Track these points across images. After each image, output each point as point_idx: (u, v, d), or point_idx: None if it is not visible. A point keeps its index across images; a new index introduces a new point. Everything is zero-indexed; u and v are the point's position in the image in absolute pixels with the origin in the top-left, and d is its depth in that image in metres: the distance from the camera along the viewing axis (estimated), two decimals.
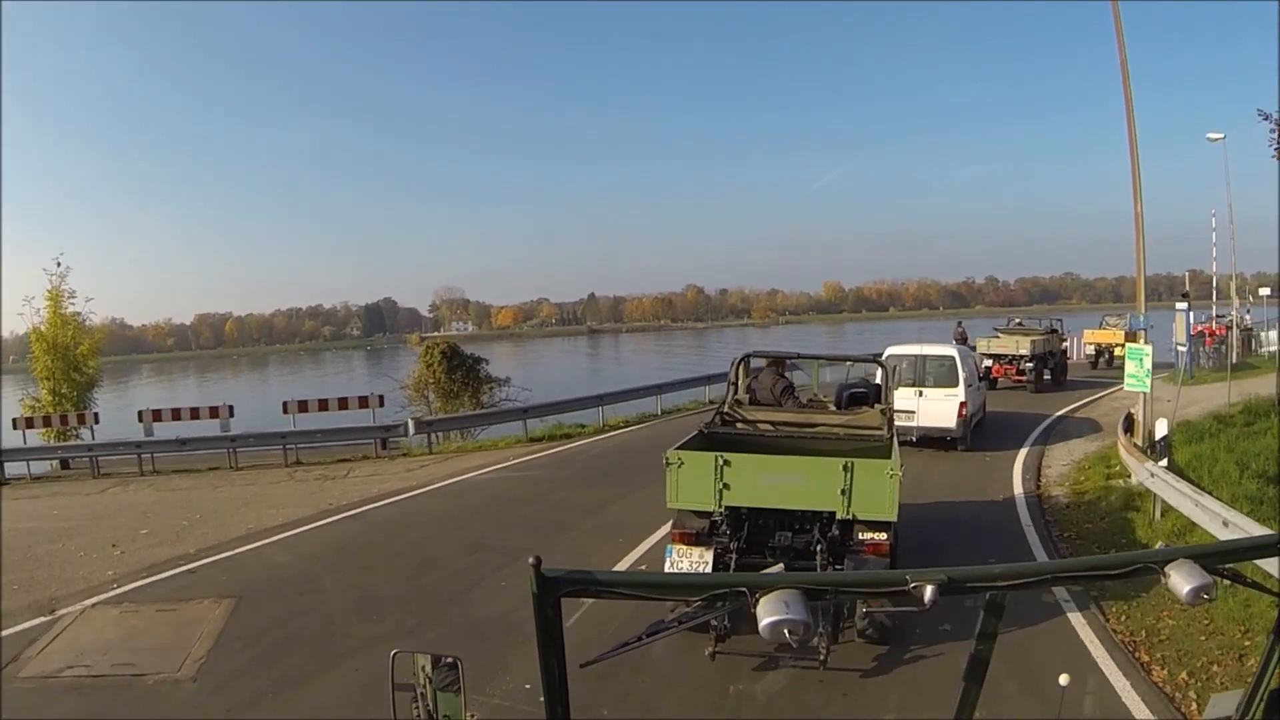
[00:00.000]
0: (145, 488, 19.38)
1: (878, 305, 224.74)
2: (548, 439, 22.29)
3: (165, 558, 12.54)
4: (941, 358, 18.34)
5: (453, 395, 27.45)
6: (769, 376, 10.98)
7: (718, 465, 7.91)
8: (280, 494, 17.26)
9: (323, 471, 19.69)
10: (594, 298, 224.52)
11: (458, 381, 27.29)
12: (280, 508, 15.63)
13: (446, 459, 20.42)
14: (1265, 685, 2.09)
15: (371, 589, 10.38)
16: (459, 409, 27.10)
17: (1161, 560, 1.79)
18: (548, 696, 1.75)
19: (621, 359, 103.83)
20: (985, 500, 14.11)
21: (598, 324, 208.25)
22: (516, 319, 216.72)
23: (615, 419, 24.56)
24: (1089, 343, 35.94)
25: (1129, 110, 15.88)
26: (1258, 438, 16.09)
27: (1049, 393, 27.37)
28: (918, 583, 1.71)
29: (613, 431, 23.27)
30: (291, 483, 18.60)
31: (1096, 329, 36.05)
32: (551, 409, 24.27)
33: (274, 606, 9.96)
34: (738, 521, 8.18)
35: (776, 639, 1.64)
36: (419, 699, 2.17)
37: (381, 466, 19.98)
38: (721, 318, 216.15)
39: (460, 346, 28.84)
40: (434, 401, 27.68)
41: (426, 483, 17.18)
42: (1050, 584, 1.93)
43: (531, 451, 20.47)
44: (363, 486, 17.36)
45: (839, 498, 7.69)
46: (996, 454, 17.75)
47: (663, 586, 1.94)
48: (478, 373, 27.88)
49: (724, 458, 7.96)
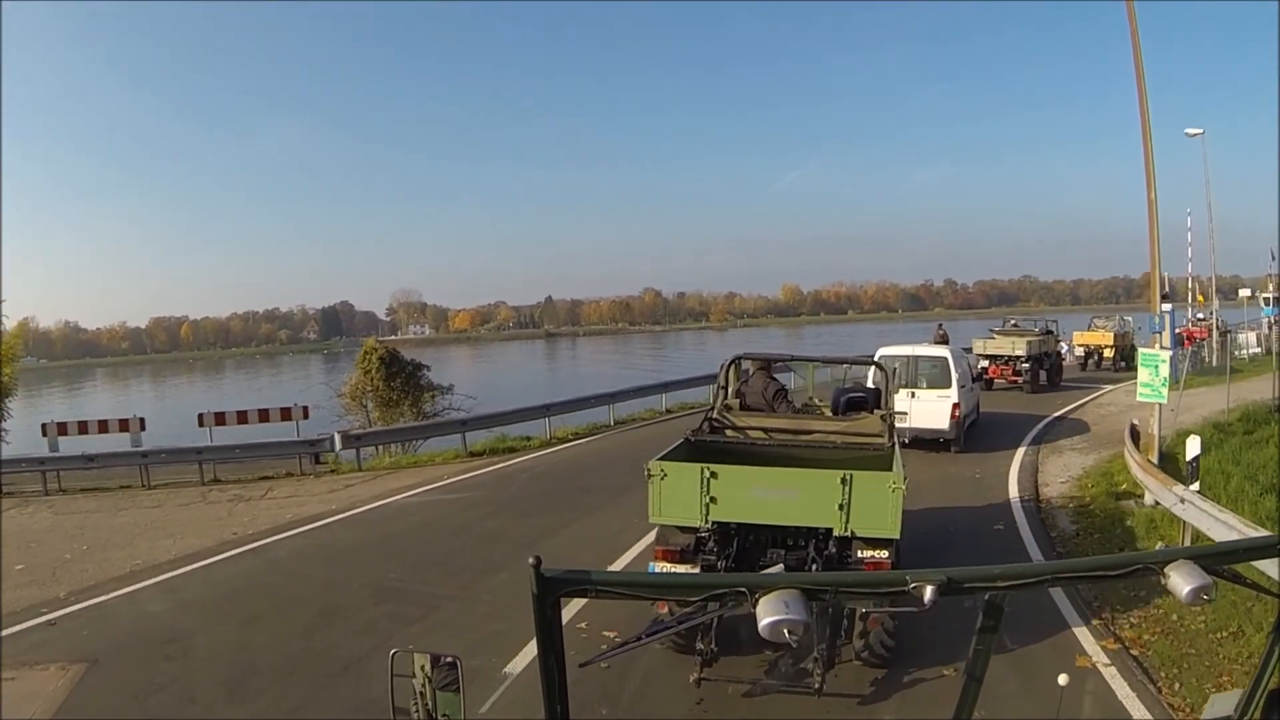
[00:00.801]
0: (45, 510, 17.16)
1: (836, 308, 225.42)
2: (489, 453, 20.40)
3: (30, 603, 10.59)
4: (934, 358, 18.18)
5: (392, 404, 25.56)
6: (760, 379, 10.11)
7: (704, 477, 7.37)
8: (185, 519, 15.27)
9: (239, 491, 17.67)
10: (551, 301, 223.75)
11: (396, 389, 25.38)
12: (178, 537, 13.69)
13: (377, 477, 18.49)
14: (1264, 685, 2.08)
15: (252, 652, 8.53)
16: (399, 418, 25.33)
17: (1161, 561, 1.77)
18: (546, 696, 1.74)
19: (577, 364, 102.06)
20: (983, 530, 12.57)
21: (555, 327, 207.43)
22: (474, 322, 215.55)
23: (564, 430, 22.73)
24: (1078, 344, 36.19)
25: (1142, 99, 14.77)
26: (1260, 447, 15.17)
27: (1042, 394, 27.28)
28: (917, 583, 1.68)
29: (560, 445, 21.44)
30: (202, 505, 16.59)
31: (1085, 330, 36.40)
32: (492, 421, 22.28)
33: (130, 676, 8.08)
34: (726, 538, 7.67)
35: (776, 638, 1.61)
36: (418, 698, 2.12)
37: (304, 486, 17.98)
38: (679, 321, 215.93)
39: (400, 352, 26.84)
40: (373, 411, 25.80)
41: (348, 506, 15.29)
42: (1050, 584, 1.85)
43: (470, 468, 18.63)
44: (277, 511, 15.42)
45: (836, 513, 7.18)
46: (991, 458, 17.19)
47: (662, 587, 2.10)
48: (418, 380, 25.97)
49: (711, 469, 7.41)
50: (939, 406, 17.42)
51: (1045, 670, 6.99)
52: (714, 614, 1.79)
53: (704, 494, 7.36)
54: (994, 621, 1.82)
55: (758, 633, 1.60)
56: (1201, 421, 18.23)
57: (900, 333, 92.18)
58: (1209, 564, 1.78)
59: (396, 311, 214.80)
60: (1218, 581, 1.77)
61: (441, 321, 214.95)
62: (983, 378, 26.03)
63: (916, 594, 1.68)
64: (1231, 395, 20.65)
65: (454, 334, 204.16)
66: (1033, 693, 6.39)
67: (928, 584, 1.67)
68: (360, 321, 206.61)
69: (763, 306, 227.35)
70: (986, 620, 1.82)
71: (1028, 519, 12.99)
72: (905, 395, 16.95)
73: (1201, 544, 4.76)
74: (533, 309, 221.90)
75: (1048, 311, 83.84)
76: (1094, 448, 18.48)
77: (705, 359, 78.82)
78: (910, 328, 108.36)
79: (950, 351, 18.73)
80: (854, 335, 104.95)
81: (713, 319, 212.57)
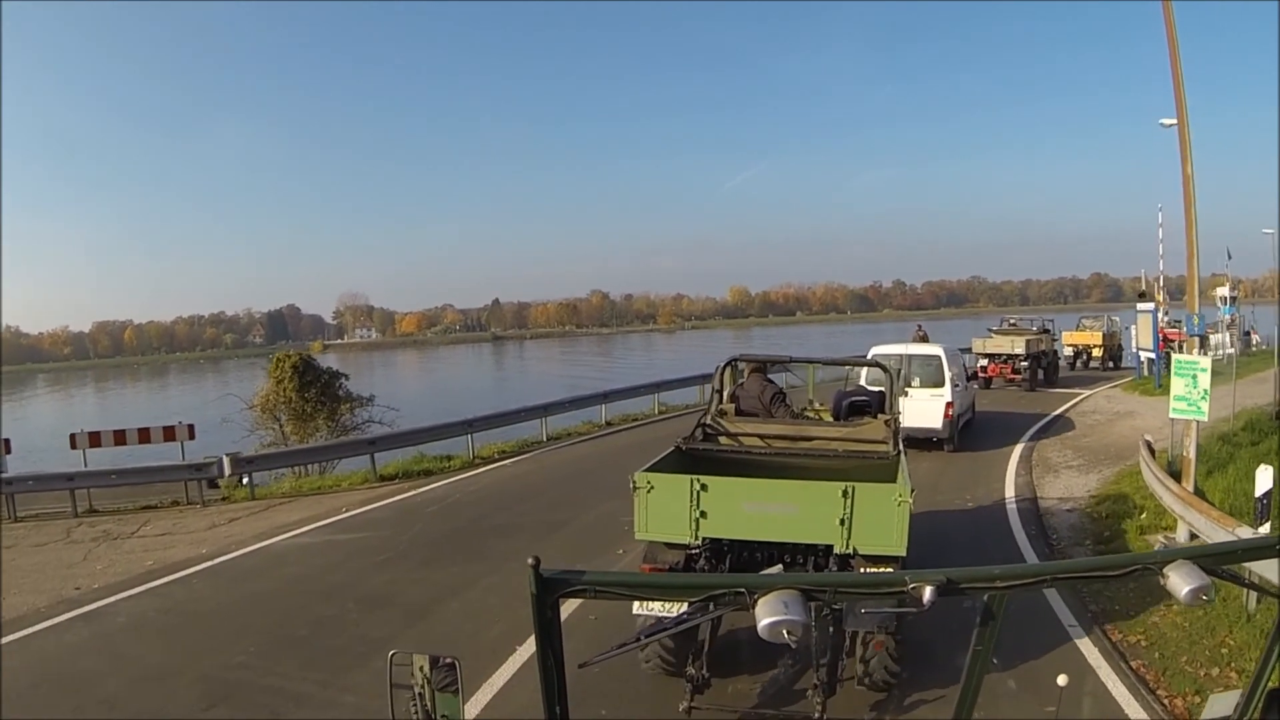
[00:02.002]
0: None
1: (784, 310, 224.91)
2: (402, 477, 17.79)
3: None
4: (928, 357, 18.03)
5: (306, 417, 22.97)
6: (756, 382, 9.51)
7: (694, 490, 6.78)
8: (30, 566, 12.59)
9: (110, 526, 14.91)
10: (499, 303, 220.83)
11: (311, 401, 22.80)
12: (9, 593, 11.07)
13: (270, 507, 15.84)
14: (1263, 685, 2.08)
15: None
16: (315, 432, 22.80)
17: (1160, 561, 1.75)
18: (546, 696, 1.73)
19: (522, 368, 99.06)
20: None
21: (502, 330, 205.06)
22: (421, 325, 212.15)
23: (490, 448, 20.23)
24: (1067, 344, 36.32)
25: (1179, 96, 12.76)
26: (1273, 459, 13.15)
27: (1040, 391, 27.48)
28: (917, 583, 1.68)
29: (485, 466, 18.82)
30: (60, 545, 13.85)
31: (1074, 330, 36.77)
32: (405, 439, 19.68)
33: None
34: (719, 555, 7.06)
35: (775, 639, 1.60)
36: (417, 699, 2.05)
37: (184, 519, 15.25)
38: (627, 323, 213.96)
39: (315, 359, 24.21)
40: (286, 425, 23.19)
41: (220, 551, 12.69)
42: (1050, 585, 1.86)
43: (375, 497, 15.98)
44: (139, 555, 12.80)
45: (837, 529, 6.59)
46: (986, 457, 16.56)
47: (661, 587, 2.18)
48: (334, 390, 23.37)
49: (701, 481, 6.82)
50: (932, 405, 17.09)
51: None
52: (713, 614, 1.79)
53: (694, 508, 6.77)
54: (993, 622, 1.79)
55: (758, 653, 2.70)
56: (1207, 434, 16.52)
57: (850, 334, 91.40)
58: (1208, 564, 1.75)
59: (343, 315, 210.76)
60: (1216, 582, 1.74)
61: (388, 325, 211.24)
62: (977, 376, 26.08)
63: (916, 594, 1.65)
64: (1224, 401, 18.93)
65: (401, 337, 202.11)
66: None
67: (927, 584, 1.65)
68: (307, 325, 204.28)
69: (710, 308, 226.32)
70: (986, 620, 1.79)
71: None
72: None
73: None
74: (480, 312, 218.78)
75: (997, 312, 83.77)
76: (1092, 464, 16.76)
77: (652, 364, 76.86)
78: (859, 329, 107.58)
79: (944, 350, 18.46)
80: (803, 337, 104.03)
81: (660, 321, 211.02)
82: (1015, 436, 19.68)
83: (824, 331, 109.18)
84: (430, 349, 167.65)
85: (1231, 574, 1.91)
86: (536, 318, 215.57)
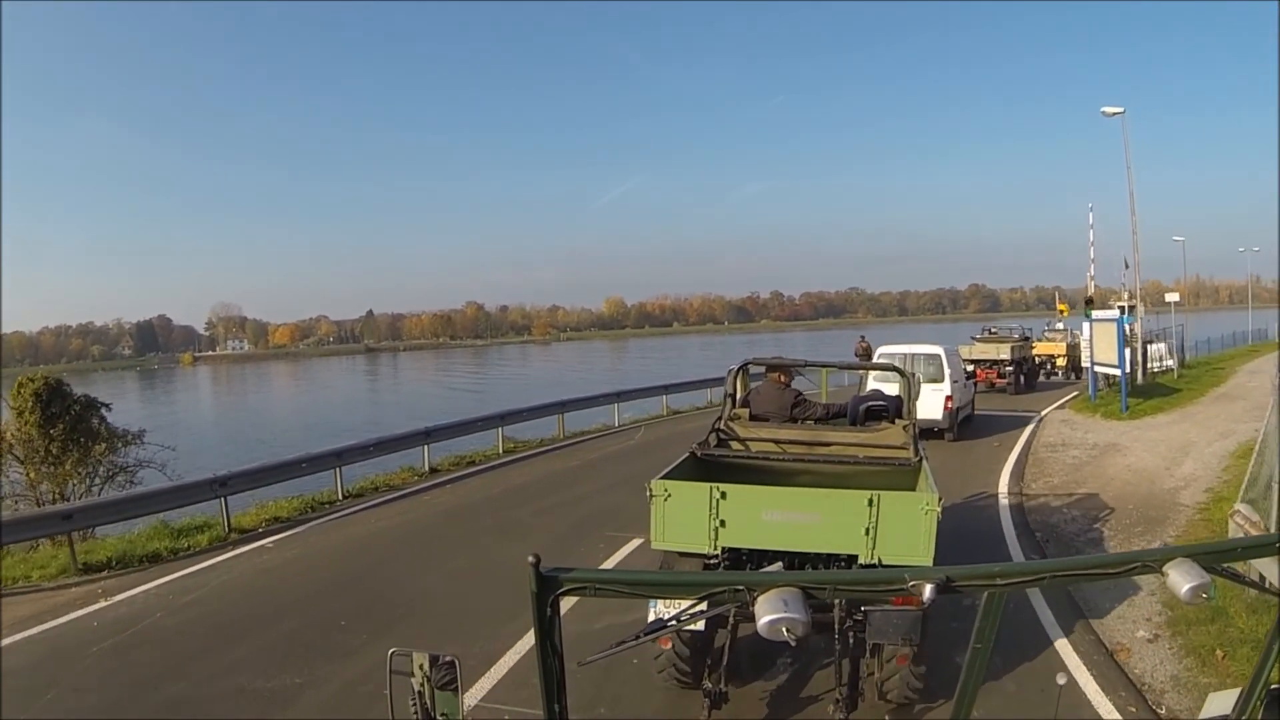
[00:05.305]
0: None
1: (661, 320, 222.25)
2: (118, 563, 10.67)
3: None
4: (930, 356, 18.94)
5: (54, 460, 15.78)
6: (772, 386, 8.66)
7: (713, 498, 6.10)
8: None
9: None
10: (373, 315, 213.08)
11: (57, 440, 15.64)
12: None
13: None
14: (1262, 684, 2.01)
15: None
16: (67, 480, 15.71)
17: (1160, 559, 1.66)
18: (545, 695, 1.63)
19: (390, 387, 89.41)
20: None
21: (376, 342, 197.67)
22: (294, 337, 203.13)
23: (259, 512, 13.05)
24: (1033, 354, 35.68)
25: None
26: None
27: (1021, 395, 27.75)
28: (916, 581, 1.57)
29: (234, 549, 11.30)
30: None
31: (1039, 340, 35.89)
32: (127, 507, 12.07)
33: None
34: (738, 564, 6.39)
35: (775, 637, 1.50)
36: (417, 697, 1.95)
37: None
38: (502, 335, 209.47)
39: (68, 386, 16.79)
40: (28, 469, 15.94)
41: None
42: (1049, 583, 1.74)
43: (36, 614, 8.82)
44: None
45: (862, 538, 5.87)
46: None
47: (662, 585, 2.03)
48: (89, 425, 16.22)
49: (720, 489, 6.12)
50: (933, 398, 17.68)
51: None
52: (712, 613, 1.67)
53: (713, 517, 6.12)
54: (993, 620, 1.72)
55: (776, 661, 2.49)
56: (1227, 476, 13.10)
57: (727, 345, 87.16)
58: (1208, 562, 1.67)
59: (215, 326, 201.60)
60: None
61: (261, 336, 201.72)
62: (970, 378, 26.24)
63: (915, 592, 1.57)
64: (1210, 426, 18.37)
65: (273, 349, 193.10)
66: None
67: (927, 582, 1.57)
68: (179, 336, 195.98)
69: (586, 319, 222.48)
70: (985, 619, 1.72)
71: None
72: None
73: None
74: (355, 323, 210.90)
75: (874, 323, 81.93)
76: (1116, 533, 11.36)
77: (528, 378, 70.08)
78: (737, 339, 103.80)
79: (944, 350, 19.47)
80: (681, 348, 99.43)
81: (536, 332, 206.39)
82: (1019, 426, 20.36)
83: (701, 343, 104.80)
84: (304, 361, 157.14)
85: (1231, 572, 1.79)
86: (411, 329, 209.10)
